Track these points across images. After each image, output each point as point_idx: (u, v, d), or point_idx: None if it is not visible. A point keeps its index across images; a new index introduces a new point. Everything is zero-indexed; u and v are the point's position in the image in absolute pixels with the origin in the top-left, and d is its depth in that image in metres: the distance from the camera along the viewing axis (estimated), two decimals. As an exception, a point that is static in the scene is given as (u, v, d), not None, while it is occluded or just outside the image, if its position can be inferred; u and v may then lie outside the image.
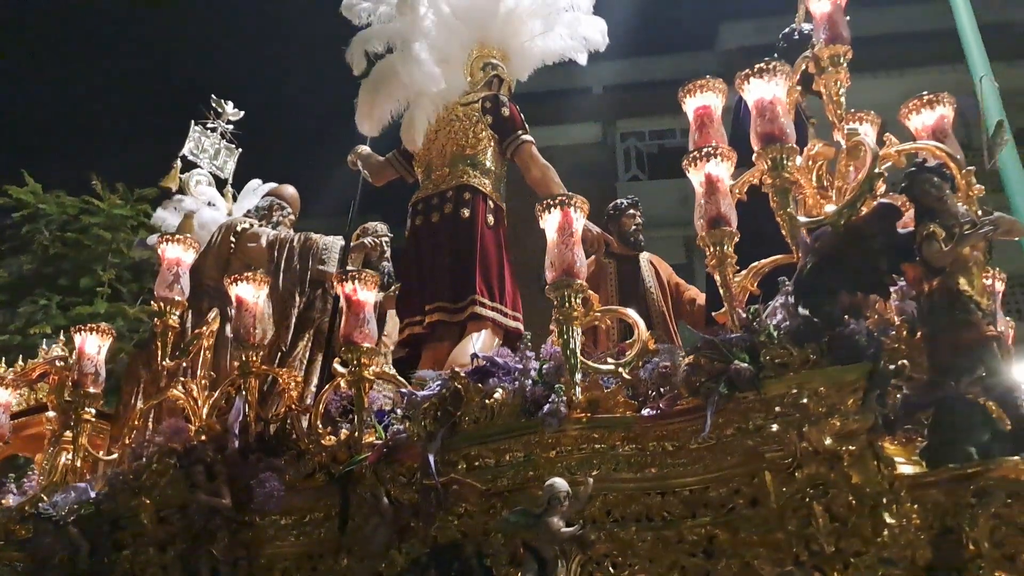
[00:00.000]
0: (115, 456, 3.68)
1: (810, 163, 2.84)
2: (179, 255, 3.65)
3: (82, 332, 3.68)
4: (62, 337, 6.84)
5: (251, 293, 3.29)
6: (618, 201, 5.33)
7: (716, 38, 16.48)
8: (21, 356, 5.79)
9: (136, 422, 3.69)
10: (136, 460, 3.39)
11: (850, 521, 2.07)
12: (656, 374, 2.55)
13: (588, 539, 2.25)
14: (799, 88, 3.43)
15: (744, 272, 2.62)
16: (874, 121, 3.24)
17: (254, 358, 3.24)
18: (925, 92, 2.95)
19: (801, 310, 2.35)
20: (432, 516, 2.55)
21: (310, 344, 4.40)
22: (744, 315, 2.47)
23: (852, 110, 3.07)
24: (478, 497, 2.55)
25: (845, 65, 2.87)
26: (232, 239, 4.66)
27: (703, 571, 2.30)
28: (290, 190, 5.35)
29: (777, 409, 2.25)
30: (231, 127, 6.52)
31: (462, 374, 2.72)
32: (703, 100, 2.96)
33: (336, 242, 4.53)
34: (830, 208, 2.51)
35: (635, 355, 2.53)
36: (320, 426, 3.06)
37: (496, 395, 2.63)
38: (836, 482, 2.13)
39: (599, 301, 5.02)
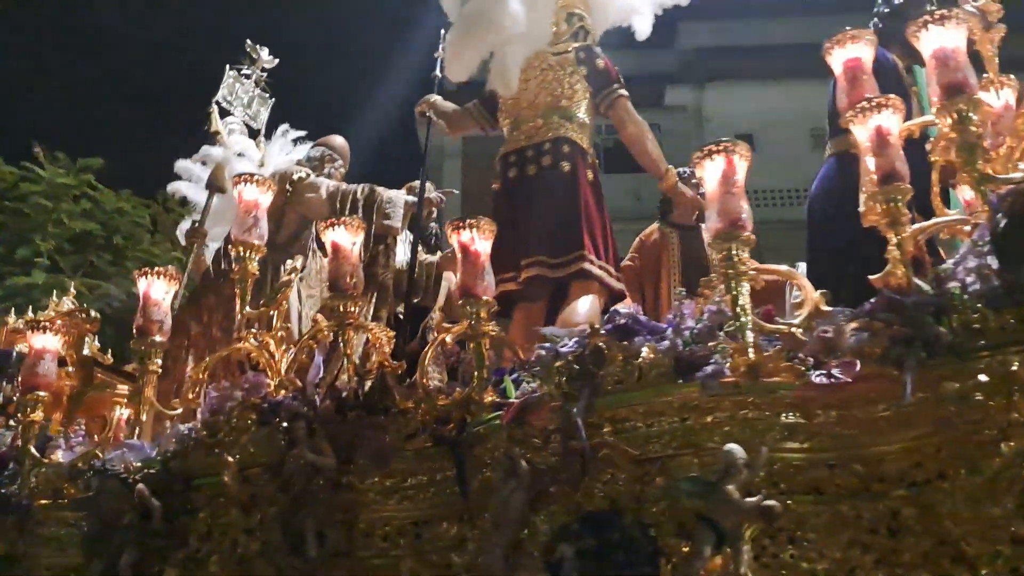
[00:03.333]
0: (179, 412, 3.41)
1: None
2: (257, 197, 3.39)
3: (148, 276, 3.41)
4: (72, 290, 6.52)
5: (347, 239, 3.05)
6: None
7: (675, 38, 16.56)
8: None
9: (202, 375, 3.42)
10: (212, 415, 3.15)
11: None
12: (817, 339, 2.38)
13: (775, 511, 2.06)
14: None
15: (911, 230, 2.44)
16: (1014, 86, 3.09)
17: (352, 308, 3.00)
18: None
19: (996, 272, 2.18)
20: (578, 481, 2.35)
21: (374, 300, 4.18)
22: (927, 277, 2.29)
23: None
24: (628, 463, 2.35)
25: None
26: (288, 188, 4.41)
27: (888, 549, 2.13)
28: (340, 140, 5.10)
29: (981, 378, 2.08)
30: (265, 75, 6.24)
31: (602, 331, 2.52)
32: (855, 52, 2.78)
33: (400, 196, 4.31)
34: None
35: (807, 317, 2.35)
36: (427, 384, 2.85)
37: (643, 354, 2.43)
38: (1052, 455, 1.98)
39: (664, 271, 4.92)
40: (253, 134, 6.33)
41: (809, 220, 3.67)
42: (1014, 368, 2.04)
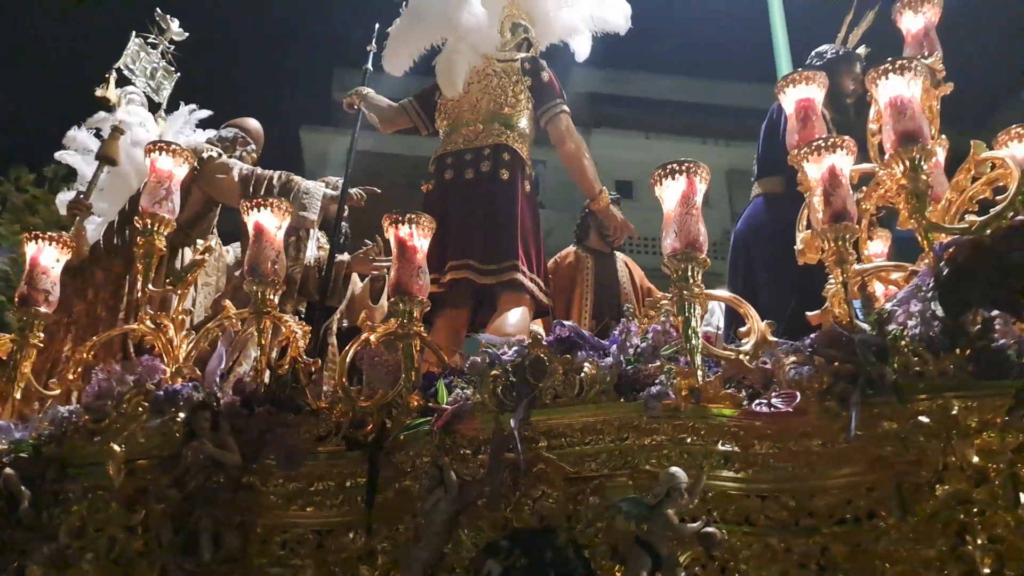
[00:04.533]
0: (56, 392, 3.09)
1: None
2: (171, 168, 3.13)
3: (38, 240, 3.08)
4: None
5: (273, 223, 2.84)
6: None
7: (568, 80, 17.05)
8: None
9: (87, 356, 3.11)
10: (98, 399, 2.86)
11: (1007, 542, 1.94)
12: (758, 369, 2.37)
13: (715, 538, 2.01)
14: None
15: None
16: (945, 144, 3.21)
17: (271, 297, 2.79)
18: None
19: (938, 317, 2.22)
20: (504, 496, 2.24)
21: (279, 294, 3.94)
22: (866, 318, 2.32)
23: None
24: (562, 480, 2.25)
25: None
26: (196, 166, 4.12)
27: (817, 585, 2.12)
28: (255, 123, 4.84)
29: (922, 420, 2.10)
30: (172, 47, 5.87)
31: (544, 342, 2.43)
32: (806, 92, 2.83)
33: (319, 188, 4.10)
34: (969, 218, 2.40)
35: (755, 345, 2.33)
36: (347, 384, 2.67)
37: (585, 369, 2.35)
38: (983, 501, 2.01)
39: (576, 294, 4.89)
40: (153, 108, 5.94)
41: (736, 256, 3.71)
42: (954, 412, 2.07)
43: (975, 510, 2.00)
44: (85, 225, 4.80)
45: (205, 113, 6.01)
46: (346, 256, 4.51)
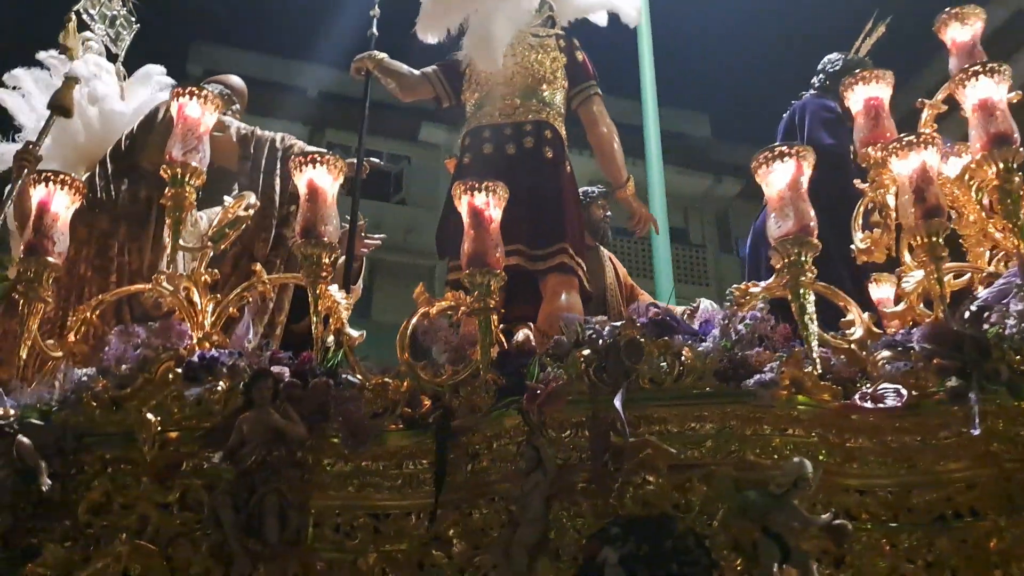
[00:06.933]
0: (60, 355, 2.77)
1: (967, 178, 2.79)
2: (201, 117, 2.86)
3: (48, 183, 2.76)
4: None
5: (328, 181, 2.63)
6: (587, 189, 5.08)
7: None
8: None
9: (92, 316, 2.81)
10: (118, 363, 2.58)
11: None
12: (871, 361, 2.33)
13: (845, 530, 1.96)
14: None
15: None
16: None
17: (326, 260, 2.57)
18: None
19: (1040, 318, 2.24)
20: (611, 481, 2.12)
21: (283, 266, 3.69)
22: (965, 314, 2.32)
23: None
24: (667, 467, 2.15)
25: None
26: None
27: (927, 580, 2.09)
28: (239, 80, 4.53)
29: (1031, 417, 2.11)
30: None
31: (638, 323, 2.32)
32: (875, 91, 2.84)
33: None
34: None
35: (862, 337, 2.29)
36: (409, 358, 2.50)
37: (684, 353, 2.26)
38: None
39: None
40: (110, 58, 5.50)
41: (758, 252, 3.71)
42: (1067, 412, 2.08)
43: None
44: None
45: (167, 80, 5.59)
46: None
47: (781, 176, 2.34)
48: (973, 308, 2.34)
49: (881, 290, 3.45)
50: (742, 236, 17.56)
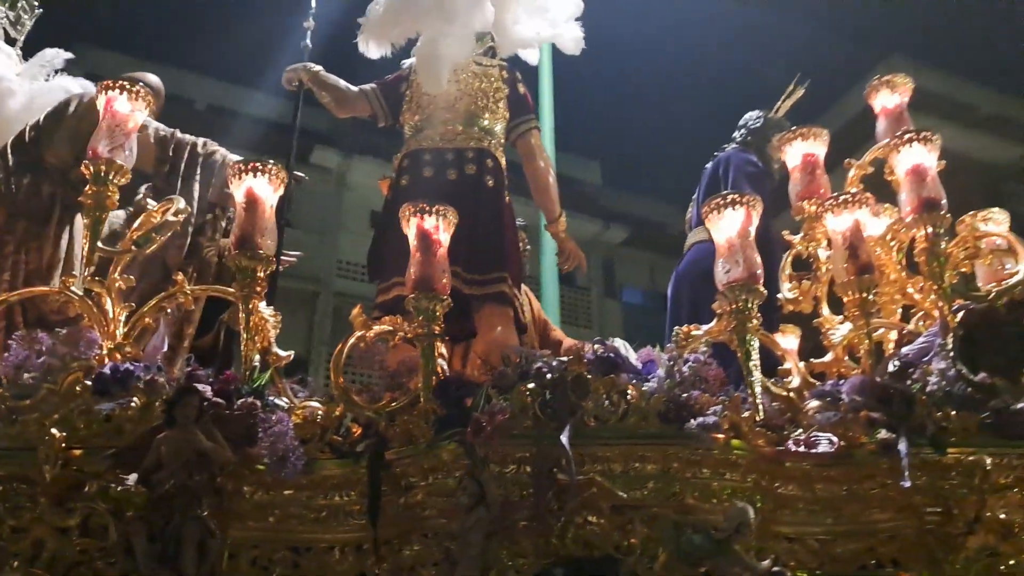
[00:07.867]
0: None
1: (889, 239, 2.93)
2: (130, 112, 2.69)
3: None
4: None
5: (268, 192, 2.50)
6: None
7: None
8: None
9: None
10: (18, 371, 2.36)
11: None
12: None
13: (786, 578, 1.97)
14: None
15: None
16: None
17: (262, 275, 2.44)
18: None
19: (962, 377, 2.35)
20: (553, 520, 2.08)
21: (195, 275, 3.49)
22: (892, 371, 2.41)
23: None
24: (609, 508, 2.13)
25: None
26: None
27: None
28: (157, 81, 4.29)
29: (953, 473, 2.20)
30: None
31: (585, 359, 2.30)
32: (812, 147, 2.95)
33: (247, 164, 3.70)
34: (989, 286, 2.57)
35: (800, 385, 2.34)
36: (342, 384, 2.39)
37: (630, 392, 2.25)
38: (1008, 554, 2.13)
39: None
40: (9, 42, 5.14)
41: (679, 296, 3.78)
42: (988, 468, 2.18)
43: (1005, 564, 2.11)
44: None
45: (67, 55, 5.26)
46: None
47: (731, 223, 2.38)
48: (896, 364, 2.44)
49: (787, 341, 3.57)
50: (626, 282, 18.04)
